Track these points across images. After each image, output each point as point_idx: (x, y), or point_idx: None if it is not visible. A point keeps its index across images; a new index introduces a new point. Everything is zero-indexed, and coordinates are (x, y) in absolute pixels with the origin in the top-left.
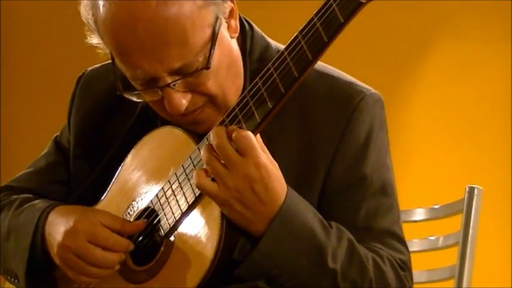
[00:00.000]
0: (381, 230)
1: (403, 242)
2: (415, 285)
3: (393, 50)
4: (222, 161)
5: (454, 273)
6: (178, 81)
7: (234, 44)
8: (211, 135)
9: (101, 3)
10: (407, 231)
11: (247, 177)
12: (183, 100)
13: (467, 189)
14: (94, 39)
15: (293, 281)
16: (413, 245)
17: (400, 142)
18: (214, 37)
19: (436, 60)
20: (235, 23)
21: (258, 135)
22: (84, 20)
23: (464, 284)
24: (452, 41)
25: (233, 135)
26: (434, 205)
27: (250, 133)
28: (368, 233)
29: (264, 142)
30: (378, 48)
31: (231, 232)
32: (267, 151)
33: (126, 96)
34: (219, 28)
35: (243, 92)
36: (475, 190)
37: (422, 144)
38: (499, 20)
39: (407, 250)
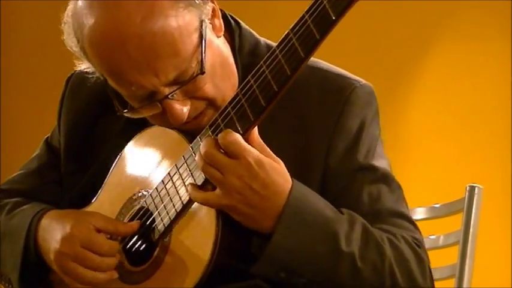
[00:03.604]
0: (387, 212)
1: (412, 222)
2: None
3: (393, 49)
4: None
5: (455, 272)
6: (176, 91)
7: (223, 44)
8: (201, 144)
9: (84, 27)
10: None
11: (242, 178)
12: (184, 109)
13: (467, 188)
14: (83, 65)
15: (312, 271)
16: None
17: (400, 141)
18: (203, 41)
19: (436, 60)
20: (219, 22)
21: (256, 130)
22: (69, 48)
23: (465, 283)
24: (452, 41)
25: (220, 142)
26: (435, 204)
27: (236, 136)
28: (376, 217)
29: None
30: (378, 47)
31: (228, 233)
32: (265, 147)
33: (127, 115)
34: (206, 31)
35: None
36: (476, 189)
37: (422, 143)
38: (499, 19)
39: (418, 229)
